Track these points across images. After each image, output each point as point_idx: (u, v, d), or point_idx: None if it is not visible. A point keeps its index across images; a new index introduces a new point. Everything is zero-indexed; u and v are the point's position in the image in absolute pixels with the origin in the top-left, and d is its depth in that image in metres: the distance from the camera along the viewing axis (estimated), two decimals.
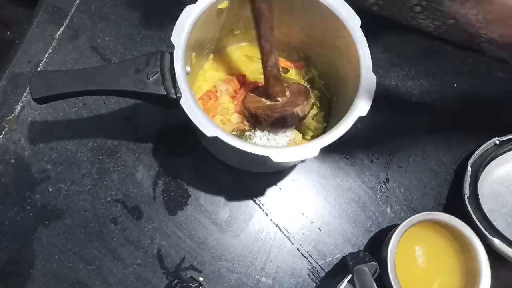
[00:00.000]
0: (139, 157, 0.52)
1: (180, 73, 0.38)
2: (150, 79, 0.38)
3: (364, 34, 0.41)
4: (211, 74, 0.51)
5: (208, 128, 0.36)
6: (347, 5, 0.41)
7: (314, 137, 0.47)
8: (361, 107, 0.38)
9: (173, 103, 0.38)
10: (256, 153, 0.36)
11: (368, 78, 0.39)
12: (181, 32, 0.39)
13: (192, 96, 0.37)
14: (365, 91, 0.39)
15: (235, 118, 0.48)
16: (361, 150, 0.55)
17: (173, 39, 0.38)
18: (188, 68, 0.40)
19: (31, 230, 0.48)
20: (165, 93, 0.38)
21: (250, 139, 0.47)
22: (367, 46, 0.40)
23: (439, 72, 0.59)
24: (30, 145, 0.51)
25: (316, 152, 0.36)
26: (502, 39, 0.47)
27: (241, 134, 0.47)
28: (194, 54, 0.44)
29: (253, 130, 0.47)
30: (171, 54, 0.38)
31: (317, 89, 0.51)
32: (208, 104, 0.49)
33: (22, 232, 0.48)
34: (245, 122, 0.48)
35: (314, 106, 0.50)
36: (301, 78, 0.52)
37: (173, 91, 0.38)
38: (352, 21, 0.41)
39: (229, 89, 0.49)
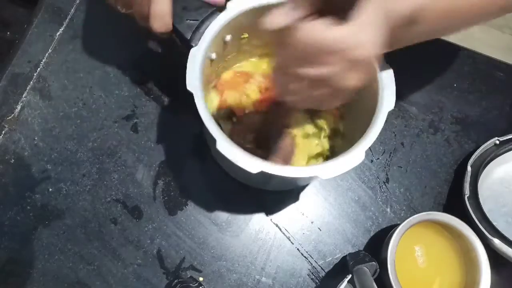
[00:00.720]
0: (139, 157, 0.52)
1: (212, 31, 0.40)
2: (188, 20, 0.41)
3: None
4: (254, 66, 0.51)
5: (193, 83, 0.38)
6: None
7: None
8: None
9: (185, 50, 0.40)
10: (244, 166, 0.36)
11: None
12: (239, 5, 0.41)
13: (204, 52, 0.39)
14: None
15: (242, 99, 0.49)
16: None
17: (229, 4, 0.41)
18: (228, 37, 0.42)
19: (31, 230, 0.48)
20: (188, 38, 0.40)
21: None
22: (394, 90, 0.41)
23: (439, 72, 0.59)
24: (30, 145, 0.51)
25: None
26: None
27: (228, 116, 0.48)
28: (247, 35, 0.45)
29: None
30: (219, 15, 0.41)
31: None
32: (233, 79, 0.50)
33: (22, 232, 0.48)
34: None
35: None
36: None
37: (197, 42, 0.40)
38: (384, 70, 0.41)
39: (261, 83, 0.50)
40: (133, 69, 0.55)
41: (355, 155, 0.37)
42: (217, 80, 0.50)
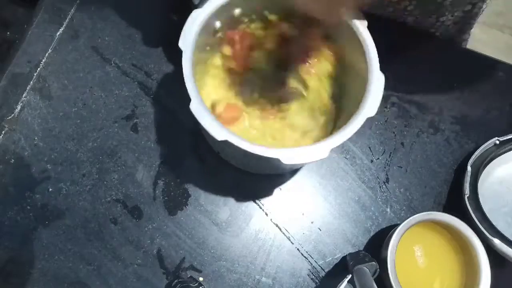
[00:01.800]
0: (139, 157, 0.52)
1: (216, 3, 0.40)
2: None
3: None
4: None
5: (186, 42, 0.38)
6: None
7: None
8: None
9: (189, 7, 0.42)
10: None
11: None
12: None
13: (207, 16, 0.40)
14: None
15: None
16: (361, 150, 0.55)
17: None
18: (237, 11, 0.43)
19: (31, 230, 0.48)
20: (196, 3, 0.43)
21: None
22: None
23: (439, 72, 0.59)
24: (30, 145, 0.51)
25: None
26: None
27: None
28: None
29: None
30: None
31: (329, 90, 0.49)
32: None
33: (22, 232, 0.48)
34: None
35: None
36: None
37: (202, 3, 0.41)
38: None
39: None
40: (133, 69, 0.55)
41: (319, 151, 0.37)
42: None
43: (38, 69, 0.53)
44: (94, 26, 0.56)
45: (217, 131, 0.36)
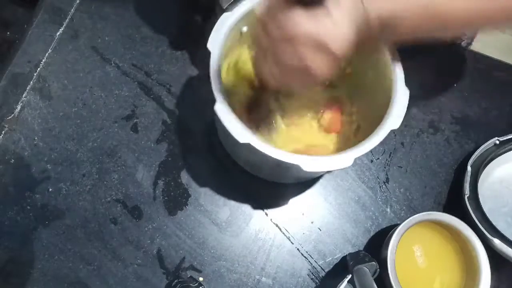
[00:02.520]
0: (139, 157, 0.52)
1: (248, 2, 0.41)
2: None
3: None
4: None
5: (214, 43, 0.38)
6: None
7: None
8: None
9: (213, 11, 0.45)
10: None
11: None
12: None
13: (235, 20, 0.40)
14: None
15: None
16: None
17: None
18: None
19: (31, 230, 0.48)
20: (224, 8, 0.44)
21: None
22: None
23: (439, 72, 0.59)
24: (30, 145, 0.51)
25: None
26: None
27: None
28: None
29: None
30: None
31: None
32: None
33: (22, 232, 0.48)
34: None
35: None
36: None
37: (231, 7, 0.42)
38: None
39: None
40: (133, 69, 0.55)
41: (344, 159, 0.36)
42: None
43: (38, 69, 0.53)
44: (94, 26, 0.56)
45: (240, 134, 0.35)
